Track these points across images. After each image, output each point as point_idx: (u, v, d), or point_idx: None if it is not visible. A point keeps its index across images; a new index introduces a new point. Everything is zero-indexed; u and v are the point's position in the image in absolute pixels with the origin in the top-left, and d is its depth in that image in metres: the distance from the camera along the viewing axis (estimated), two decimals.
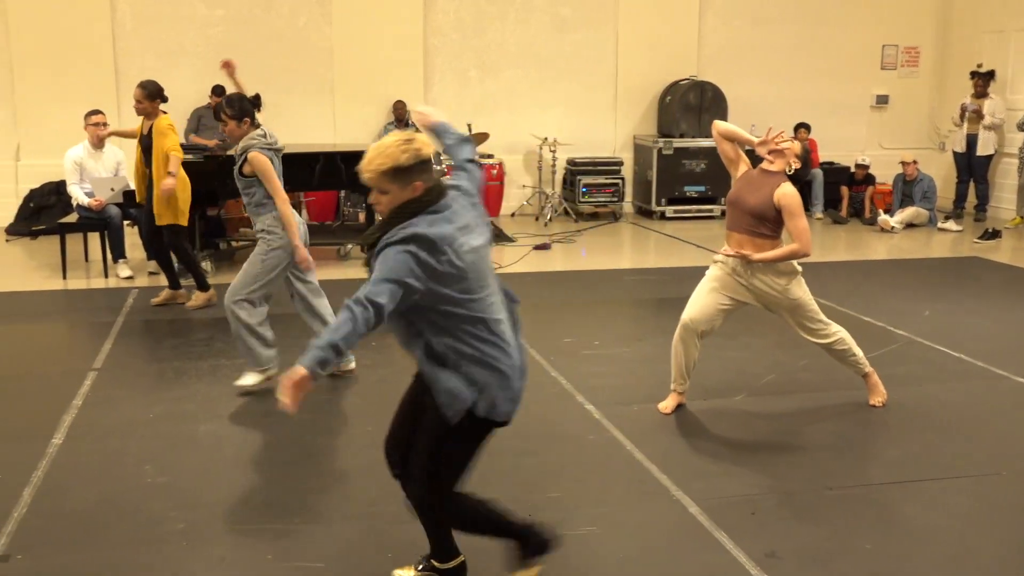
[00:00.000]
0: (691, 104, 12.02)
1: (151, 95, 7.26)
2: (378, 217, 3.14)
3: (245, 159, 5.50)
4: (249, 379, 5.51)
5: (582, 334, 6.77)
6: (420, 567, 3.48)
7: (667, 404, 5.24)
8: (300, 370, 2.79)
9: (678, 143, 11.93)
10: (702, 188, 12.01)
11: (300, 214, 10.46)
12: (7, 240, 10.18)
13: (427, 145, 3.03)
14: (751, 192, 4.88)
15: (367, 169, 3.02)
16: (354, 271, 8.90)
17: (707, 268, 5.19)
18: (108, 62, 11.06)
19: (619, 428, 5.00)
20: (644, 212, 12.25)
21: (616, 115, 12.53)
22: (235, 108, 5.59)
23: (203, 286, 7.55)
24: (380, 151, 3.02)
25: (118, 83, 11.08)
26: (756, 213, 4.84)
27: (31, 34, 10.83)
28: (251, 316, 5.45)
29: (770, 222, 4.86)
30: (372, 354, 6.27)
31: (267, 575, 3.57)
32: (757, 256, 4.83)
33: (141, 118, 7.38)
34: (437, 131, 3.56)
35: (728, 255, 4.92)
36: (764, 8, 12.65)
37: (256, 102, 5.77)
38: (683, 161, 11.94)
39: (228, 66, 6.62)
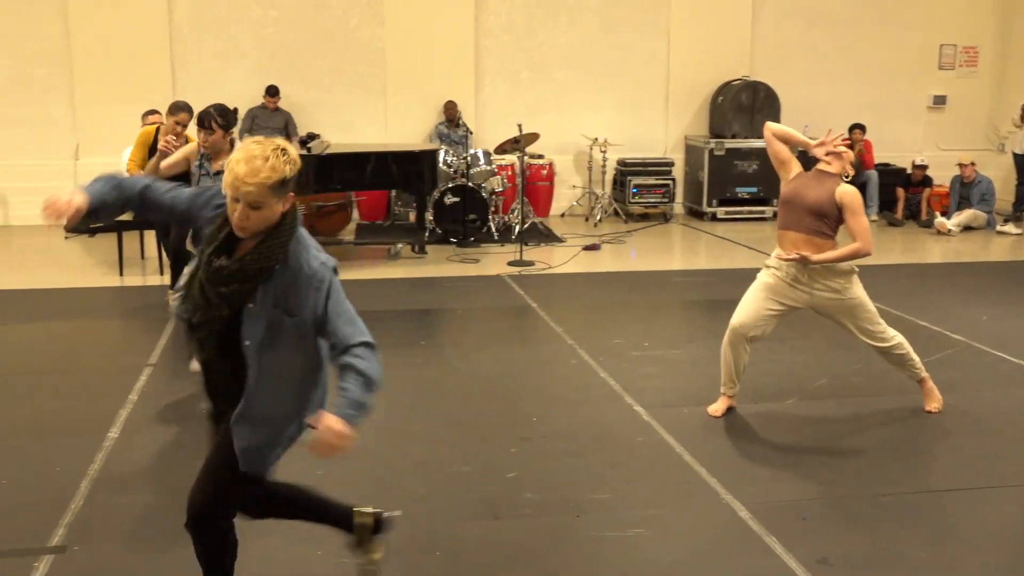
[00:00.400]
0: (743, 104, 11.92)
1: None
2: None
3: None
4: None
5: (631, 335, 6.74)
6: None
7: (717, 407, 5.20)
8: (344, 426, 2.72)
9: (730, 144, 11.83)
10: (754, 189, 11.89)
11: (351, 213, 10.63)
12: (66, 238, 10.38)
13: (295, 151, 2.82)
14: (809, 190, 4.81)
15: (252, 182, 2.65)
16: (403, 270, 8.95)
17: (758, 271, 5.13)
18: (165, 63, 11.24)
19: (668, 430, 4.97)
20: (695, 213, 12.17)
21: (667, 116, 12.45)
22: (225, 119, 5.71)
23: None
24: (264, 161, 2.67)
25: (174, 84, 11.25)
26: (816, 211, 4.77)
27: (90, 36, 11.04)
28: None
29: (830, 220, 4.79)
30: (422, 352, 6.30)
31: (316, 571, 3.60)
32: (817, 257, 4.75)
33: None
34: None
35: (786, 259, 4.82)
36: (819, 7, 12.49)
37: (235, 118, 5.81)
38: (735, 162, 11.83)
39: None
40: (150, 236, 9.14)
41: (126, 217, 8.72)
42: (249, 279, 2.77)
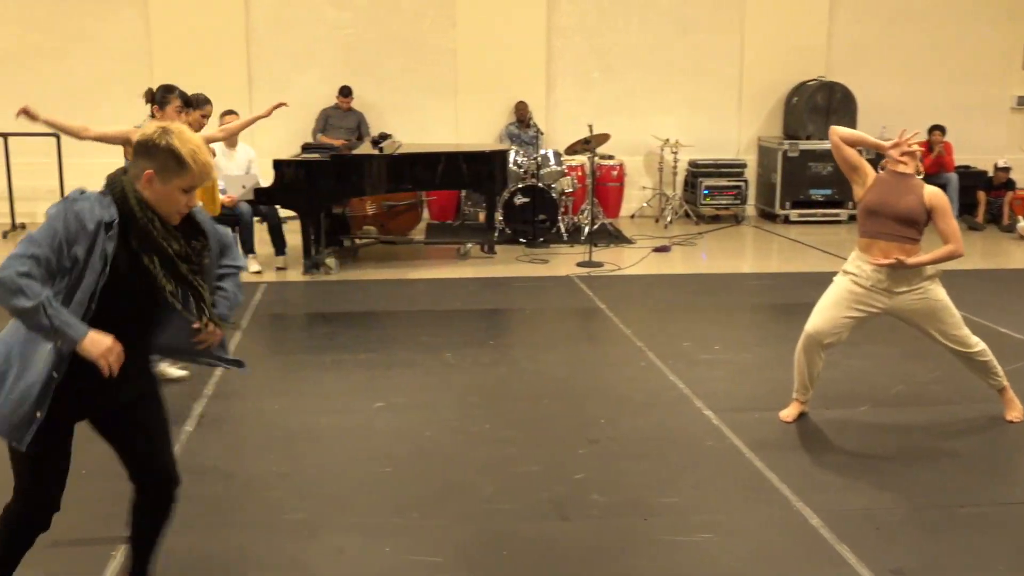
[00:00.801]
0: (819, 105, 11.72)
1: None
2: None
3: None
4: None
5: (701, 338, 6.67)
6: None
7: (789, 412, 5.12)
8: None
9: (804, 145, 11.64)
10: (828, 191, 11.69)
11: (422, 213, 10.71)
12: None
13: None
14: (896, 196, 4.71)
15: (210, 164, 2.79)
16: (472, 270, 8.98)
17: (832, 274, 5.04)
18: (242, 64, 11.45)
19: (738, 435, 4.91)
20: (767, 215, 12.00)
21: (740, 116, 12.31)
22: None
23: None
24: (202, 145, 2.77)
25: (251, 84, 11.46)
26: (906, 217, 4.67)
27: (170, 37, 11.29)
28: None
29: (919, 225, 4.70)
30: (490, 352, 6.32)
31: (384, 568, 3.63)
32: (912, 260, 4.66)
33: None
34: None
35: (883, 264, 4.72)
36: (899, 5, 12.23)
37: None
38: (809, 164, 11.64)
39: (26, 112, 6.10)
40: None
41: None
42: (208, 239, 2.93)
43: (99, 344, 2.68)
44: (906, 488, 4.31)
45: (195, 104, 7.31)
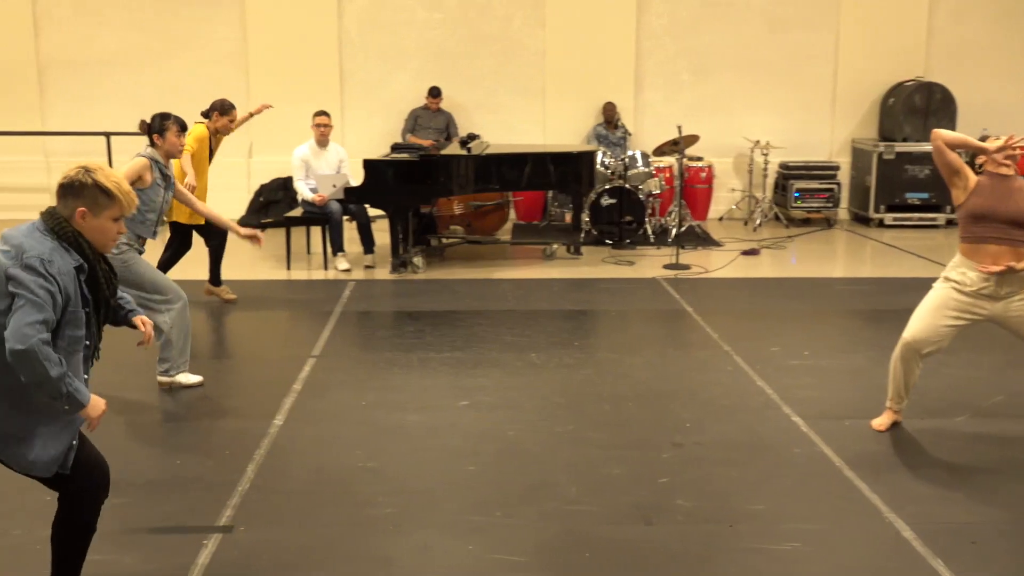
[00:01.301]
0: (916, 106, 11.40)
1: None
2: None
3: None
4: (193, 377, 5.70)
5: (790, 344, 6.56)
6: None
7: (881, 421, 4.99)
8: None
9: (901, 147, 11.35)
10: (925, 195, 11.37)
11: (508, 213, 10.74)
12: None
13: None
14: (1004, 199, 4.56)
15: (132, 194, 3.07)
16: (558, 271, 8.98)
17: (930, 280, 4.90)
18: (334, 65, 11.64)
19: (827, 443, 4.81)
20: (861, 219, 11.73)
21: (834, 118, 12.06)
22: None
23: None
24: (122, 178, 3.07)
25: (342, 85, 11.66)
26: (1017, 219, 4.53)
27: (266, 39, 11.55)
28: None
29: None
30: (575, 353, 6.31)
31: (467, 565, 3.66)
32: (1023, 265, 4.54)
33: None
34: None
35: (994, 271, 4.58)
36: (1001, 4, 11.82)
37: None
38: (905, 166, 11.34)
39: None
40: (316, 232, 9.49)
41: (294, 213, 9.10)
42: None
43: (97, 407, 3.06)
44: (1005, 502, 4.17)
45: (222, 110, 7.50)
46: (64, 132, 11.36)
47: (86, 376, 3.13)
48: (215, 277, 7.70)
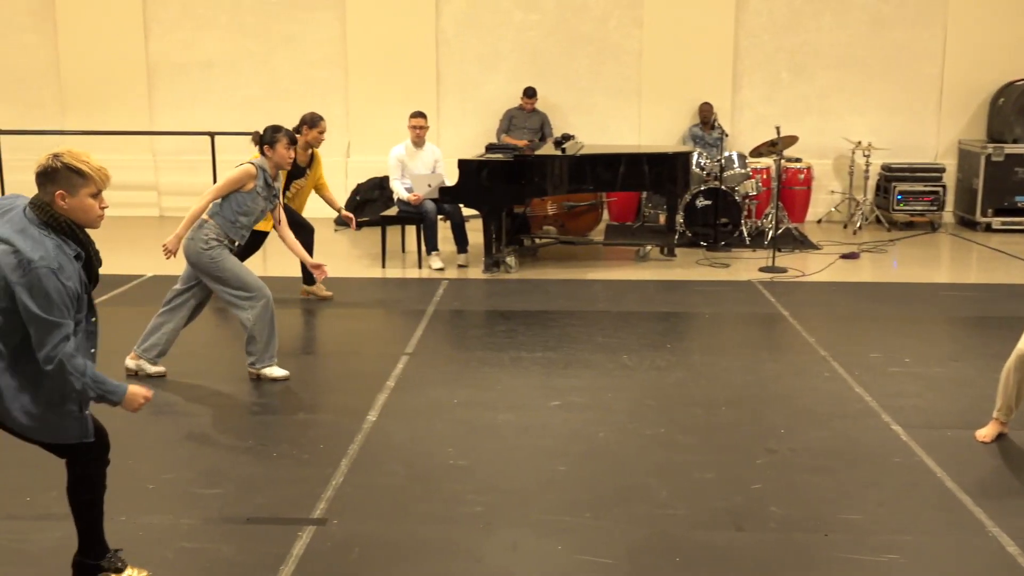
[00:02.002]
0: None
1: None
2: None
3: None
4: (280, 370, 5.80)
5: (890, 350, 6.39)
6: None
7: (986, 432, 4.83)
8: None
9: (1011, 149, 10.95)
10: None
11: (602, 214, 10.70)
12: (335, 230, 11.08)
13: None
14: None
15: (105, 168, 3.14)
16: (651, 272, 8.91)
17: None
18: (431, 66, 11.77)
19: (928, 453, 4.67)
20: (967, 223, 11.36)
21: (939, 118, 11.70)
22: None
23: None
24: (89, 153, 3.14)
25: (438, 85, 11.78)
26: None
27: (365, 41, 11.74)
28: None
29: None
30: (667, 356, 6.26)
31: (556, 566, 3.66)
32: None
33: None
34: None
35: None
36: None
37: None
38: (1015, 169, 10.94)
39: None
40: (411, 231, 9.61)
41: (389, 212, 9.22)
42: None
43: (135, 400, 3.25)
44: None
45: (311, 123, 7.62)
46: (171, 132, 11.74)
47: (93, 350, 3.27)
48: (308, 276, 7.86)
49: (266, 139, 5.82)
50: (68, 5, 11.83)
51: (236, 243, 5.78)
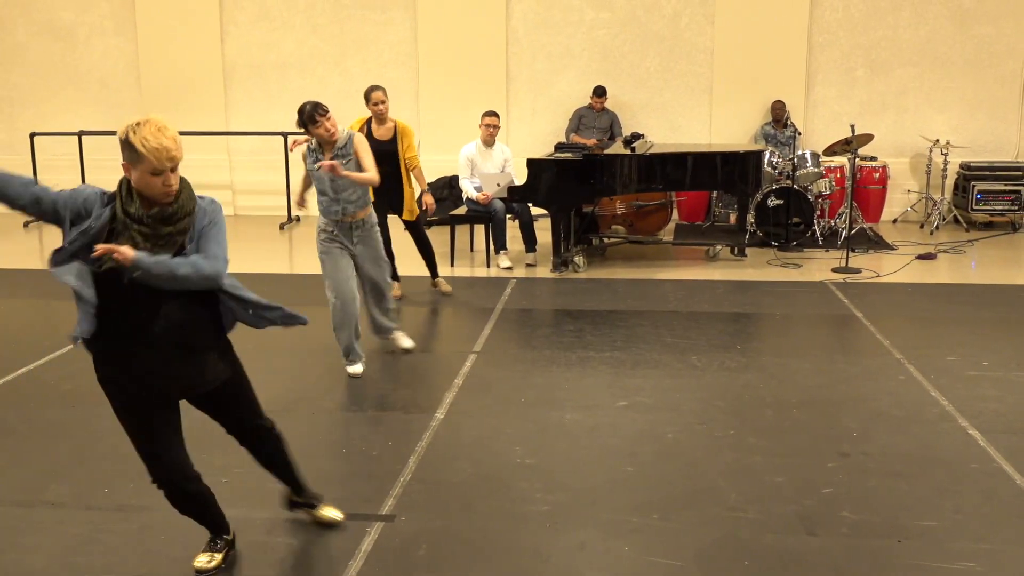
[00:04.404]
0: None
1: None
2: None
3: (353, 140, 5.84)
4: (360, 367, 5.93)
5: (968, 353, 6.24)
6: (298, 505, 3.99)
7: None
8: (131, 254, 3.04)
9: None
10: None
11: (671, 213, 10.62)
12: (404, 229, 11.17)
13: None
14: None
15: (166, 147, 3.07)
16: (721, 272, 8.82)
17: None
18: (501, 65, 11.81)
19: (1008, 459, 4.55)
20: None
21: (1021, 116, 11.37)
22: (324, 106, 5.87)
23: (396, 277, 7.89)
24: (172, 132, 3.13)
25: (508, 85, 11.81)
26: None
27: (435, 41, 11.82)
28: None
29: None
30: (737, 357, 6.19)
31: (623, 567, 3.64)
32: None
33: (362, 121, 7.60)
34: None
35: None
36: None
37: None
38: None
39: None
40: (480, 230, 9.65)
41: (459, 211, 9.27)
42: (186, 216, 3.20)
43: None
44: None
45: (365, 97, 7.44)
46: (245, 132, 11.96)
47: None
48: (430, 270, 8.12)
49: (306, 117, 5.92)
50: (148, 8, 12.13)
51: (343, 225, 5.83)
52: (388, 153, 7.38)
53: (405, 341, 6.38)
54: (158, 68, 12.22)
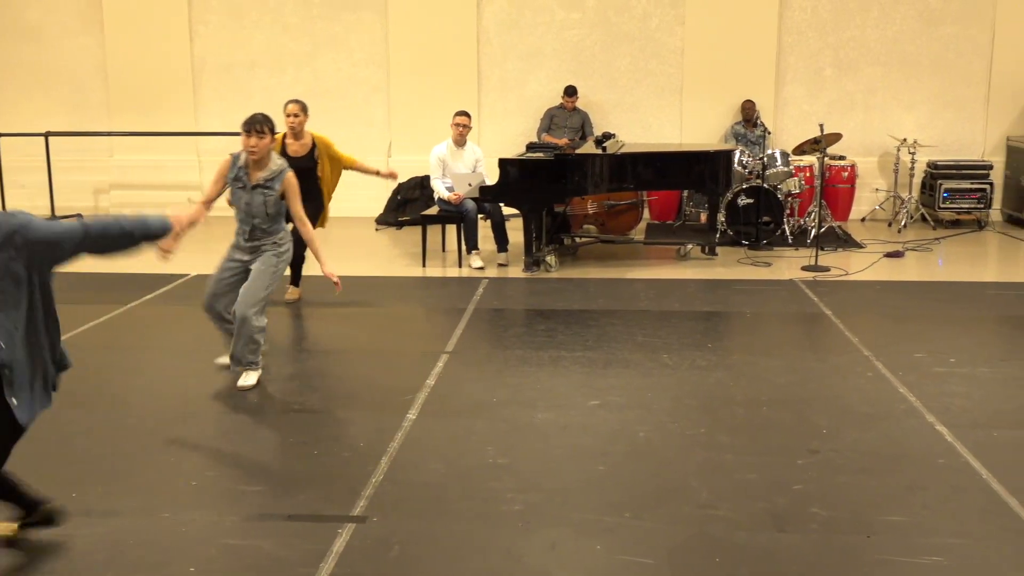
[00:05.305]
0: None
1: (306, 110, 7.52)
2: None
3: (283, 178, 5.66)
4: (252, 378, 5.68)
5: (936, 349, 6.30)
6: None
7: None
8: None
9: None
10: None
11: (642, 213, 10.66)
12: (376, 229, 11.14)
13: None
14: None
15: None
16: (692, 271, 8.87)
17: None
18: (472, 65, 11.80)
19: (974, 454, 4.60)
20: (1015, 221, 11.17)
21: (987, 115, 11.51)
22: (271, 125, 5.70)
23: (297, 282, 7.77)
24: None
25: (480, 85, 11.80)
26: None
27: (406, 41, 11.79)
28: (263, 321, 5.66)
29: None
30: (708, 355, 6.22)
31: (595, 566, 3.65)
32: None
33: (281, 136, 7.47)
34: None
35: None
36: None
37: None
38: None
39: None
40: (451, 230, 9.64)
41: (430, 211, 9.26)
42: None
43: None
44: None
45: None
46: (215, 132, 11.87)
47: None
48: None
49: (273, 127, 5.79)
50: (115, 7, 12.01)
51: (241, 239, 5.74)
52: (304, 169, 7.19)
53: (245, 379, 5.70)
54: (126, 68, 12.11)
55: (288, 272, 7.36)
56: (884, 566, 3.60)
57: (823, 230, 10.00)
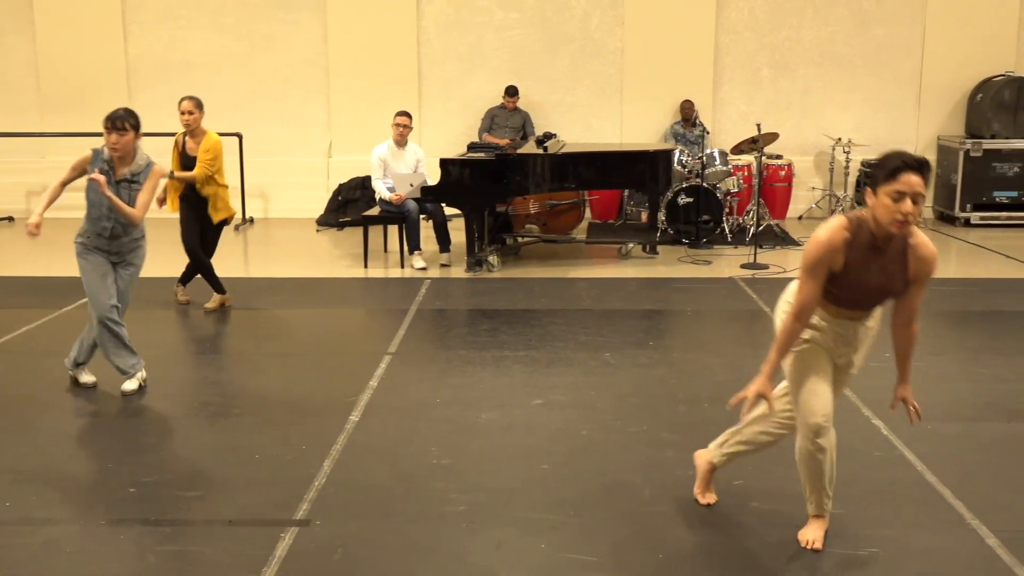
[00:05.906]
0: (1006, 102, 11.08)
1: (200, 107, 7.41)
2: None
3: (150, 171, 5.59)
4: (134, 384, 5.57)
5: (871, 345, 6.41)
6: None
7: (815, 536, 3.86)
8: None
9: (988, 144, 11.04)
10: (1015, 193, 11.05)
11: (584, 212, 10.72)
12: (317, 230, 11.05)
13: None
14: None
15: None
16: (634, 270, 8.93)
17: (1019, 280, 4.75)
18: (412, 66, 11.76)
19: (909, 447, 4.70)
20: (946, 218, 11.44)
21: (919, 114, 11.78)
22: (136, 120, 5.65)
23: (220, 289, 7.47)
24: None
25: (420, 86, 11.77)
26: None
27: (346, 41, 11.72)
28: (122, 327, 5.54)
29: None
30: (650, 353, 6.27)
31: (540, 564, 3.66)
32: None
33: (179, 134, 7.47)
34: None
35: None
36: None
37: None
38: (993, 164, 11.03)
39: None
40: (393, 231, 9.60)
41: (372, 212, 9.21)
42: None
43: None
44: None
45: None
46: (152, 133, 11.64)
47: None
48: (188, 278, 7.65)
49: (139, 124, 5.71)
50: (47, 6, 11.76)
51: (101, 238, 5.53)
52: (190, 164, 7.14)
53: (84, 377, 5.66)
54: (58, 67, 11.86)
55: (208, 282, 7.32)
56: (823, 558, 3.67)
57: (761, 228, 10.15)
